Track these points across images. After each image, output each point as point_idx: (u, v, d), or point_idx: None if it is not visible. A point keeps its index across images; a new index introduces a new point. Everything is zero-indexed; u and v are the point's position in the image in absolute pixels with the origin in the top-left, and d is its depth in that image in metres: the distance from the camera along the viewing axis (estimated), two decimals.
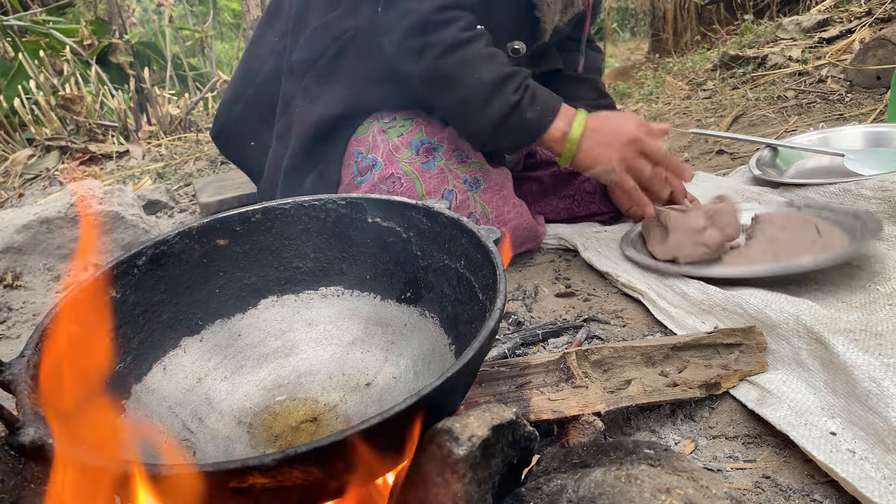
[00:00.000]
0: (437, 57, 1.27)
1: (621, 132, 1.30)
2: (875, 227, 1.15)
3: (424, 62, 1.28)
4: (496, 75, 1.27)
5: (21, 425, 0.56)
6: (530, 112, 1.28)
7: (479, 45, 1.29)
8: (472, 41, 1.28)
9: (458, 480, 0.55)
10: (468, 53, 1.28)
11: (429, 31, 1.27)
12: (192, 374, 0.82)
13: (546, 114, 1.30)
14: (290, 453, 0.51)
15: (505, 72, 1.27)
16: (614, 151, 1.29)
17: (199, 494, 0.54)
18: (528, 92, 1.28)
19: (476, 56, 1.28)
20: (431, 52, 1.27)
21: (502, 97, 1.27)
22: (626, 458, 0.57)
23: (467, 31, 1.28)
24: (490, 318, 0.63)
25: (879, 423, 0.78)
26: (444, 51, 1.27)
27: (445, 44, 1.27)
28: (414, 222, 0.86)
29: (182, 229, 0.85)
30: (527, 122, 1.29)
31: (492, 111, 1.27)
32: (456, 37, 1.27)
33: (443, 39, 1.27)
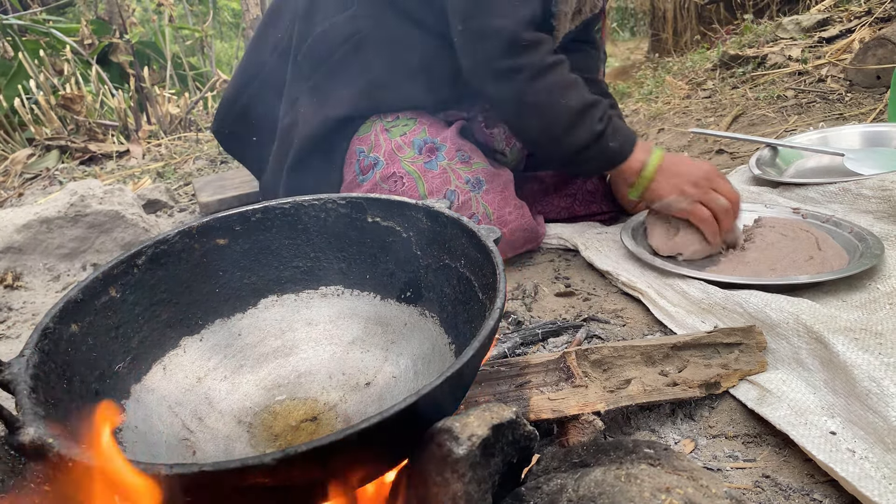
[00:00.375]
0: (527, 81, 1.26)
1: (695, 169, 1.30)
2: (878, 251, 1.15)
3: (514, 84, 1.27)
4: (583, 103, 1.26)
5: (21, 425, 0.56)
6: (612, 142, 1.28)
7: (564, 70, 1.29)
8: (559, 66, 1.28)
9: (458, 480, 0.55)
10: (557, 79, 1.27)
11: (520, 52, 1.25)
12: (192, 374, 0.82)
13: (626, 144, 1.30)
14: (290, 453, 0.51)
15: (590, 100, 1.27)
16: (687, 185, 1.28)
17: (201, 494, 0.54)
18: (611, 122, 1.28)
19: (564, 82, 1.27)
20: (521, 74, 1.26)
21: (588, 125, 1.26)
22: (625, 457, 0.57)
23: (553, 56, 1.28)
24: (490, 318, 0.63)
25: (879, 423, 0.79)
26: (534, 74, 1.26)
27: (536, 67, 1.25)
28: (414, 222, 0.86)
29: (182, 228, 0.85)
30: (609, 151, 1.29)
31: (577, 138, 1.27)
32: (545, 61, 1.26)
33: (533, 63, 1.25)
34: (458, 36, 1.30)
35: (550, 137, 1.30)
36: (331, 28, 1.41)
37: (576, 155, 1.30)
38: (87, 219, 1.86)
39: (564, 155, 1.32)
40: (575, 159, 1.31)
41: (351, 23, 1.40)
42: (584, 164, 1.34)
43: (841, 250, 1.21)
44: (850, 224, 1.27)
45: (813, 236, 1.27)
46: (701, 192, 1.27)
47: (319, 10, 1.45)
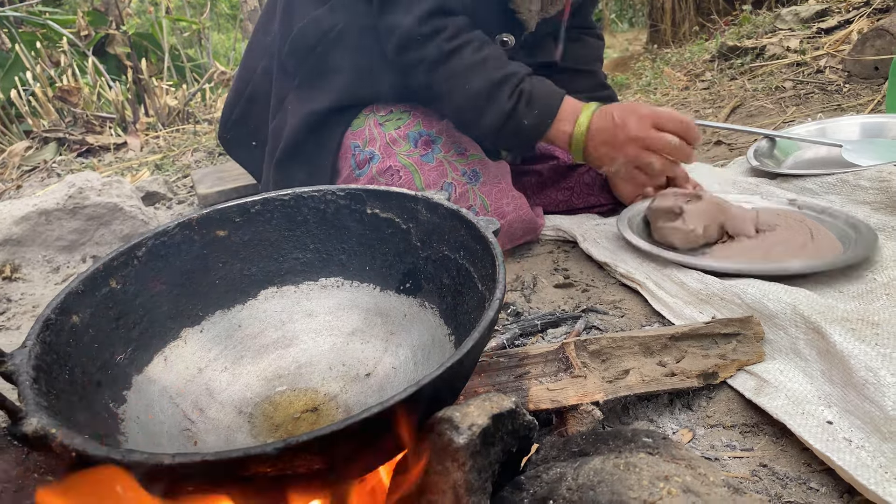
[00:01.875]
0: (426, 72, 1.29)
1: (624, 129, 1.28)
2: (872, 241, 1.15)
3: (416, 77, 1.31)
4: (486, 84, 1.27)
5: (24, 415, 0.57)
6: (527, 117, 1.28)
7: (467, 53, 1.28)
8: (458, 51, 1.28)
9: (459, 469, 0.55)
10: (455, 66, 1.28)
11: (413, 47, 1.28)
12: (193, 365, 0.83)
13: (545, 116, 1.29)
14: (292, 442, 0.51)
15: (495, 78, 1.27)
16: (618, 151, 1.28)
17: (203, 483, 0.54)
18: (522, 96, 1.27)
19: (464, 67, 1.28)
20: (420, 67, 1.29)
21: (496, 105, 1.27)
22: (624, 446, 0.57)
23: (453, 41, 1.28)
24: (489, 309, 0.64)
25: (876, 412, 0.79)
26: (431, 66, 1.28)
27: (431, 58, 1.27)
28: (413, 213, 0.86)
29: (182, 220, 0.85)
30: (525, 128, 1.29)
31: (487, 120, 1.28)
32: (441, 49, 1.27)
33: (428, 55, 1.27)
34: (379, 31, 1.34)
35: (464, 121, 1.34)
36: (310, 23, 1.41)
37: (494, 135, 1.31)
38: (86, 211, 1.86)
39: (484, 135, 1.34)
40: (495, 138, 1.33)
41: (329, 16, 1.40)
42: (507, 141, 1.36)
43: (834, 240, 1.22)
44: (846, 215, 1.27)
45: (806, 226, 1.27)
46: (632, 157, 1.29)
47: (298, 6, 1.45)
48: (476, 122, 1.30)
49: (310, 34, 1.39)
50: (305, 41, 1.40)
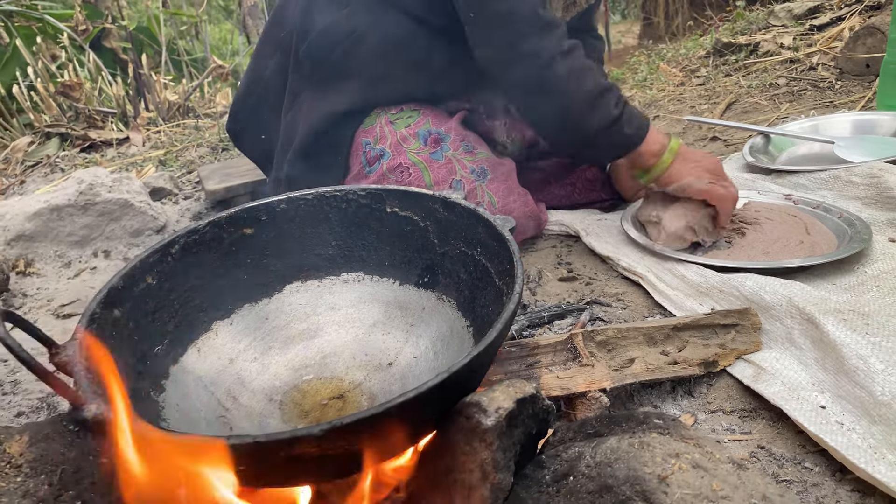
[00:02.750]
0: (545, 64, 1.27)
1: (709, 159, 1.35)
2: (866, 236, 1.20)
3: (534, 68, 1.27)
4: (599, 88, 1.28)
5: (84, 402, 0.61)
6: (628, 127, 1.31)
7: (581, 54, 1.30)
8: (576, 50, 1.29)
9: (487, 448, 0.60)
10: (574, 63, 1.28)
11: (537, 35, 1.26)
12: (225, 356, 0.87)
13: (641, 130, 1.32)
14: (337, 424, 0.56)
15: (605, 85, 1.29)
16: (703, 171, 1.33)
17: (254, 463, 0.59)
18: (626, 108, 1.30)
19: (581, 66, 1.29)
20: (540, 58, 1.27)
21: (604, 110, 1.28)
22: (637, 427, 0.63)
23: (569, 40, 1.29)
24: (510, 301, 0.69)
25: (866, 397, 0.85)
26: (552, 58, 1.26)
27: (555, 51, 1.26)
28: (431, 212, 0.91)
29: (211, 219, 0.90)
30: (623, 136, 1.32)
31: (593, 123, 1.29)
32: (562, 45, 1.27)
33: (552, 46, 1.26)
34: (472, 24, 1.31)
35: (567, 122, 1.32)
36: (330, 26, 1.45)
37: (591, 140, 1.32)
38: (97, 207, 1.90)
39: (579, 140, 1.34)
40: (590, 144, 1.34)
41: (348, 20, 1.44)
42: (599, 150, 1.37)
43: (830, 234, 1.27)
44: (840, 210, 1.33)
45: (802, 221, 1.33)
46: (715, 177, 1.33)
47: (318, 9, 1.48)
48: (581, 122, 1.30)
49: (329, 37, 1.42)
50: (325, 43, 1.43)
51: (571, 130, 1.33)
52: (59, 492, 0.62)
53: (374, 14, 1.42)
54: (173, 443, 0.56)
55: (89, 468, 0.66)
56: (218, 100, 4.03)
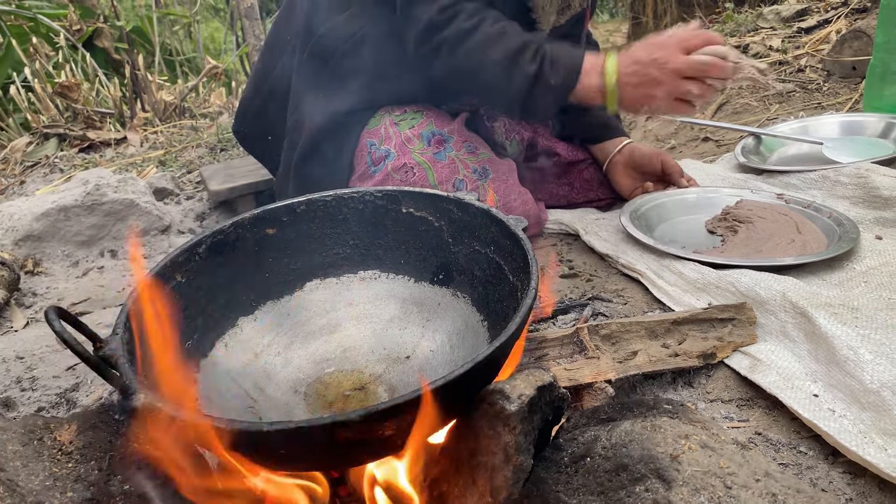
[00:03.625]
0: (448, 53, 1.34)
1: (655, 64, 1.25)
2: (854, 235, 1.26)
3: (440, 62, 1.36)
4: (507, 52, 1.31)
5: (132, 392, 0.66)
6: (553, 77, 1.30)
7: (486, 27, 1.33)
8: (478, 27, 1.33)
9: (510, 432, 0.65)
10: (476, 40, 1.33)
11: (434, 32, 1.34)
12: (250, 350, 0.92)
13: (570, 72, 1.31)
14: (373, 410, 0.61)
15: (515, 46, 1.31)
16: (655, 88, 1.25)
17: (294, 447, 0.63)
18: (546, 58, 1.31)
19: (484, 40, 1.33)
20: (442, 50, 1.35)
21: (520, 71, 1.30)
22: (648, 412, 0.68)
23: (471, 20, 1.34)
24: (527, 297, 0.73)
25: (856, 386, 0.90)
26: (453, 45, 1.33)
27: (452, 38, 1.33)
28: (445, 212, 0.95)
29: (236, 220, 0.94)
30: (553, 88, 1.32)
31: (515, 86, 1.31)
32: (460, 28, 1.33)
33: (449, 36, 1.33)
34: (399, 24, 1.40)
35: (491, 93, 1.38)
36: (333, 28, 1.49)
37: (524, 102, 1.34)
38: (104, 207, 1.93)
39: (513, 104, 1.36)
40: (526, 106, 1.35)
41: (351, 22, 1.48)
42: (538, 106, 1.36)
43: (820, 233, 1.33)
44: (830, 209, 1.39)
45: (792, 220, 1.38)
46: (670, 78, 1.24)
47: (321, 11, 1.52)
48: (504, 90, 1.33)
49: (332, 38, 1.47)
50: (327, 45, 1.47)
51: (500, 98, 1.38)
52: (108, 476, 0.67)
53: (376, 16, 1.46)
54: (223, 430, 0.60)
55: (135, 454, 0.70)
56: (213, 100, 4.06)
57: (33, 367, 1.35)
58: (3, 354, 1.39)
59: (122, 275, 1.86)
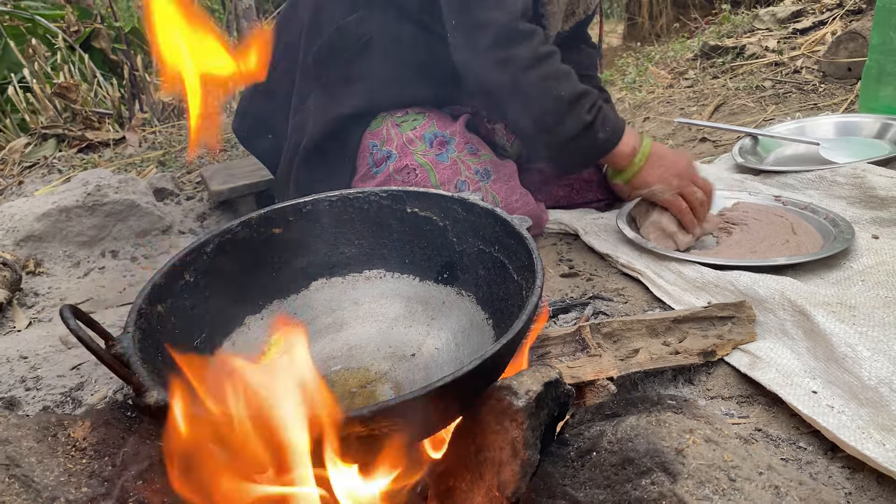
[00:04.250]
0: (520, 70, 1.31)
1: (679, 161, 1.40)
2: (849, 235, 1.27)
3: (506, 75, 1.32)
4: (572, 94, 1.32)
5: (146, 389, 0.67)
6: (601, 132, 1.34)
7: (557, 60, 1.34)
8: (552, 56, 1.34)
9: (518, 428, 0.66)
10: (549, 70, 1.32)
11: (512, 43, 1.31)
12: (257, 348, 0.93)
13: (615, 134, 1.37)
14: (383, 406, 0.62)
15: (580, 90, 1.33)
16: (672, 176, 1.38)
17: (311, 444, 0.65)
18: (600, 113, 1.34)
19: (556, 72, 1.33)
20: (514, 64, 1.31)
21: (577, 116, 1.32)
22: (652, 407, 0.69)
23: (546, 46, 1.34)
24: (533, 295, 0.75)
25: (854, 382, 0.92)
26: (528, 65, 1.31)
27: (528, 58, 1.31)
28: (450, 212, 0.97)
29: (243, 219, 0.95)
30: (597, 142, 1.36)
31: (566, 128, 1.33)
32: (538, 51, 1.32)
33: (525, 54, 1.31)
34: (452, 30, 1.37)
35: (541, 127, 1.36)
36: (339, 30, 1.50)
37: (565, 145, 1.36)
38: (105, 207, 1.94)
39: (555, 145, 1.38)
40: (564, 149, 1.38)
41: (358, 25, 1.49)
42: (573, 155, 1.40)
43: (816, 234, 1.34)
44: (826, 210, 1.40)
45: (788, 221, 1.40)
46: (683, 182, 1.39)
47: (327, 14, 1.53)
48: (554, 127, 1.34)
49: (340, 41, 1.48)
50: (335, 47, 1.48)
51: (545, 136, 1.37)
52: (121, 472, 0.68)
53: (385, 20, 1.47)
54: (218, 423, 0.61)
55: (147, 451, 0.71)
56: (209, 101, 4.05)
57: (37, 366, 1.35)
58: (7, 354, 1.40)
59: (124, 275, 1.86)
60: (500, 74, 1.34)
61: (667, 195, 1.39)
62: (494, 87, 1.37)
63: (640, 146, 1.40)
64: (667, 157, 1.41)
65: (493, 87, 1.37)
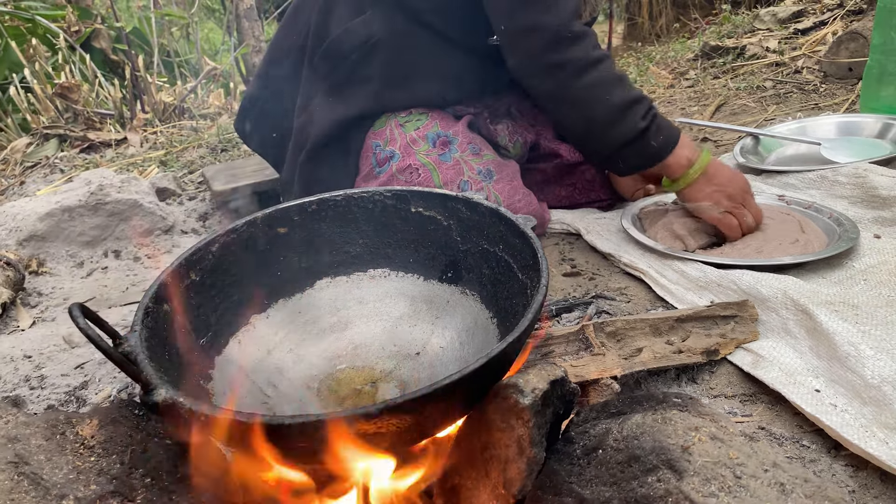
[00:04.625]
0: (571, 76, 1.30)
1: (735, 182, 1.38)
2: (853, 235, 1.28)
3: (557, 80, 1.31)
4: (626, 100, 1.30)
5: (154, 387, 0.67)
6: (654, 140, 1.33)
7: (609, 65, 1.33)
8: (605, 61, 1.32)
9: (523, 425, 0.67)
10: (601, 74, 1.31)
11: (564, 47, 1.29)
12: (263, 347, 0.93)
13: (669, 143, 1.35)
14: (391, 404, 0.62)
15: (633, 96, 1.31)
16: (724, 196, 1.36)
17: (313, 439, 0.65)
18: (655, 120, 1.33)
19: (609, 78, 1.31)
20: (566, 70, 1.30)
21: (630, 122, 1.31)
22: (658, 405, 0.69)
23: (598, 50, 1.32)
24: (538, 293, 0.75)
25: (857, 381, 0.92)
26: (579, 70, 1.30)
27: (581, 62, 1.30)
28: (454, 212, 0.97)
29: (248, 219, 0.96)
30: (649, 149, 1.34)
31: (618, 135, 1.32)
32: (590, 55, 1.30)
33: (578, 57, 1.29)
34: (503, 34, 1.35)
35: (592, 133, 1.35)
36: (346, 32, 1.50)
37: (616, 151, 1.35)
38: (108, 207, 1.94)
39: (605, 150, 1.37)
40: (615, 155, 1.37)
41: (365, 27, 1.49)
42: (625, 161, 1.39)
43: (821, 233, 1.35)
44: (830, 209, 1.41)
45: (796, 220, 1.40)
46: (734, 205, 1.36)
47: (335, 15, 1.53)
48: (606, 133, 1.33)
49: (346, 43, 1.48)
50: (341, 48, 1.49)
51: (596, 142, 1.36)
52: (129, 470, 0.68)
53: (392, 23, 1.48)
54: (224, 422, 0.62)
55: (155, 448, 0.72)
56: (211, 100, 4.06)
57: (41, 365, 1.36)
58: (11, 353, 1.40)
59: (126, 275, 1.87)
60: (552, 79, 1.33)
61: (715, 213, 1.36)
62: (546, 92, 1.36)
63: (697, 159, 1.37)
64: (723, 175, 1.38)
65: (545, 92, 1.36)
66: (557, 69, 1.31)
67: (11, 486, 0.63)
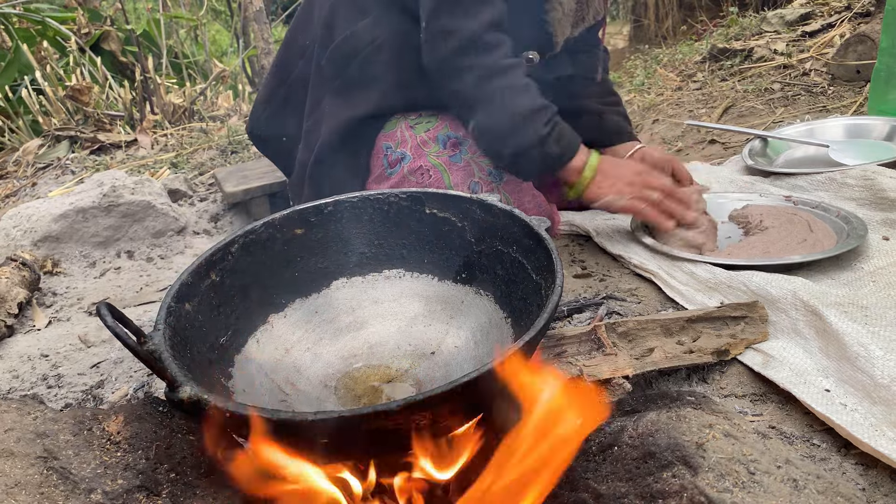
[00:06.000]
0: (479, 79, 1.35)
1: (628, 170, 1.43)
2: (862, 232, 1.29)
3: (465, 82, 1.37)
4: (530, 107, 1.35)
5: (179, 384, 0.69)
6: (555, 147, 1.37)
7: (518, 73, 1.37)
8: (514, 69, 1.37)
9: None
10: (508, 82, 1.36)
11: (472, 52, 1.34)
12: (281, 346, 0.95)
13: (568, 150, 1.39)
14: (411, 400, 0.64)
15: (538, 104, 1.36)
16: (622, 185, 1.41)
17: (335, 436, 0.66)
18: (556, 128, 1.37)
19: (515, 85, 1.36)
20: (474, 73, 1.35)
21: (532, 129, 1.35)
22: (672, 403, 0.71)
23: (509, 59, 1.37)
24: (553, 293, 0.77)
25: (867, 381, 0.93)
26: (487, 75, 1.35)
27: (489, 68, 1.35)
28: (468, 213, 0.99)
29: (266, 220, 0.97)
30: (549, 156, 1.39)
31: (520, 140, 1.36)
32: (499, 63, 1.35)
33: (487, 64, 1.35)
34: (423, 33, 1.40)
35: (495, 136, 1.40)
36: (352, 35, 1.52)
37: (517, 156, 1.40)
38: (121, 208, 1.96)
39: (507, 154, 1.41)
40: (516, 160, 1.42)
41: (370, 29, 1.51)
42: (525, 165, 1.43)
43: (830, 231, 1.36)
44: (837, 208, 1.42)
45: (804, 220, 1.41)
46: (635, 189, 1.41)
47: (341, 18, 1.55)
48: (508, 138, 1.38)
49: (351, 45, 1.50)
50: (346, 51, 1.50)
51: (499, 145, 1.41)
52: (155, 465, 0.70)
53: (395, 24, 1.49)
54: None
55: (179, 444, 0.73)
56: (220, 102, 4.09)
57: (58, 364, 1.38)
58: (29, 353, 1.42)
59: (140, 275, 1.89)
60: (458, 82, 1.39)
61: (621, 203, 1.41)
62: (454, 92, 1.41)
63: (588, 160, 1.41)
64: (616, 168, 1.43)
65: (453, 92, 1.42)
66: (465, 72, 1.36)
67: (41, 481, 0.65)
